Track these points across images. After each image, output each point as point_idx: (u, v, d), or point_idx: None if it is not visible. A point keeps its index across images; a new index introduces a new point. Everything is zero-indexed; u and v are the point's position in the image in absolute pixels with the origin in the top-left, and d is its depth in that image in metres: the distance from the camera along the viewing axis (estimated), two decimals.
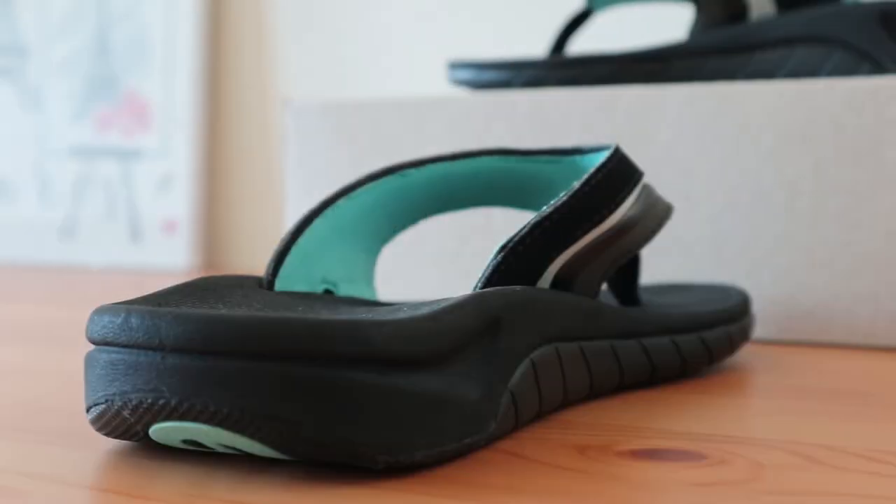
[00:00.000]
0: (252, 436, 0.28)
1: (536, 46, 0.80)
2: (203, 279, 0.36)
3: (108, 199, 0.98)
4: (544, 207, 0.36)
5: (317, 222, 0.39)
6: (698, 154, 0.55)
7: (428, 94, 0.70)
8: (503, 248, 0.35)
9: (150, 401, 0.28)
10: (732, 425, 0.35)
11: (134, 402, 0.29)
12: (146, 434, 0.30)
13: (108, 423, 0.30)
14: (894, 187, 0.51)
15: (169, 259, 0.96)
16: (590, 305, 0.38)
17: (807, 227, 0.53)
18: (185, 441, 0.30)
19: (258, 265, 0.97)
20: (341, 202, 0.40)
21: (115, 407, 0.29)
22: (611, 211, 0.38)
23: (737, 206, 0.54)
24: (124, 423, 0.30)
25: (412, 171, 0.42)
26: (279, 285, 0.38)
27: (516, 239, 0.35)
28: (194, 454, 0.31)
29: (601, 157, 0.42)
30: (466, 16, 0.88)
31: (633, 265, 0.45)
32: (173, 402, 0.28)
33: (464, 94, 0.62)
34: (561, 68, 0.61)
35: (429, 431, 0.29)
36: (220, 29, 0.98)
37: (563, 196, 0.37)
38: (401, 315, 0.30)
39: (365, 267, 0.42)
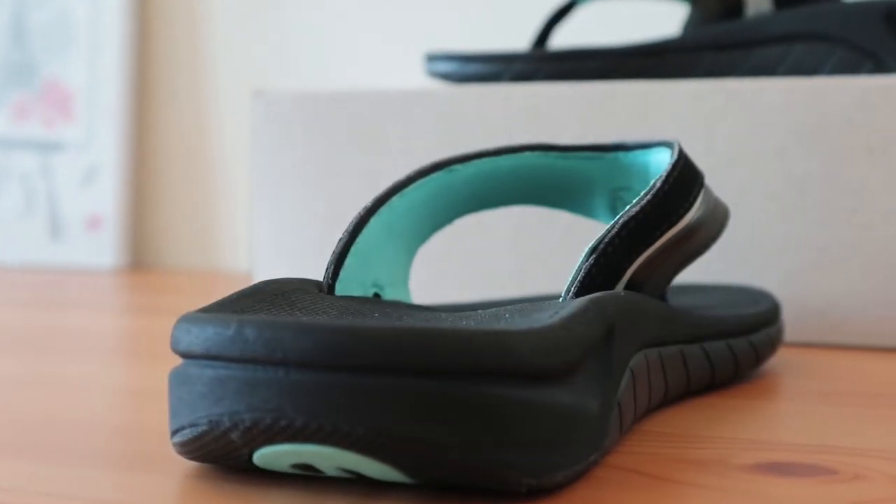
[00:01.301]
0: (386, 459, 0.25)
1: (506, 39, 0.78)
2: (265, 283, 0.32)
3: (25, 194, 0.92)
4: (628, 207, 0.34)
5: (372, 222, 0.37)
6: (704, 152, 0.54)
7: (412, 85, 0.67)
8: (594, 249, 0.33)
9: (268, 421, 0.25)
10: (833, 434, 0.34)
11: (247, 423, 0.26)
12: (249, 458, 0.27)
13: (206, 446, 0.27)
14: None
15: (93, 258, 0.90)
16: (668, 310, 0.36)
17: (817, 226, 0.52)
18: (294, 465, 0.27)
19: (191, 265, 0.92)
20: (394, 200, 0.37)
21: (222, 428, 0.26)
22: (686, 211, 0.36)
23: (745, 205, 0.53)
24: (228, 445, 0.27)
25: (459, 166, 0.39)
26: (337, 289, 0.35)
27: (606, 240, 0.33)
28: (292, 478, 0.28)
29: (653, 154, 0.40)
30: (420, 6, 0.85)
31: None
32: (297, 423, 0.25)
33: (451, 86, 0.60)
34: (553, 62, 0.59)
35: (566, 450, 0.27)
36: (150, 10, 0.93)
37: (645, 195, 0.35)
38: (528, 324, 0.28)
39: (405, 268, 0.40)
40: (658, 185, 0.35)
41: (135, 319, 0.62)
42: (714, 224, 0.38)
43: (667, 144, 0.40)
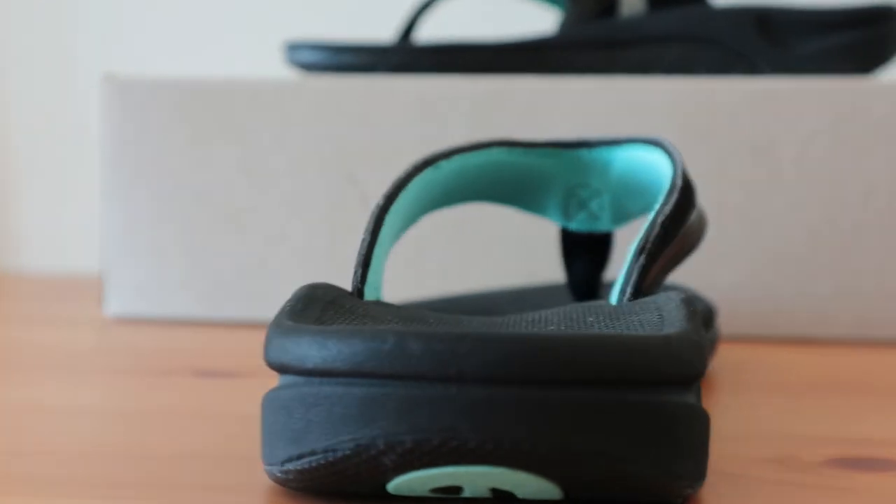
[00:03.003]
0: (555, 477, 0.24)
1: (363, 30, 0.75)
2: (310, 289, 0.30)
3: None
4: (660, 205, 0.34)
5: (386, 220, 0.34)
6: None
7: (281, 75, 0.64)
8: (642, 248, 0.32)
9: (435, 443, 0.23)
10: (878, 427, 0.35)
11: (408, 445, 0.23)
12: (384, 484, 0.24)
13: (341, 472, 0.24)
14: (790, 185, 0.53)
15: None
16: None
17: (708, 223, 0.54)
18: (436, 489, 0.25)
19: None
20: (400, 197, 0.35)
21: (373, 452, 0.23)
22: (692, 210, 0.36)
23: None
24: (372, 471, 0.24)
25: (443, 162, 0.38)
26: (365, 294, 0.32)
27: (651, 238, 0.33)
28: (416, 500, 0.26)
29: (617, 152, 0.40)
30: None
31: (603, 258, 0.44)
32: (471, 444, 0.23)
33: (330, 78, 0.57)
34: (431, 54, 0.57)
35: (706, 457, 0.26)
36: None
37: (672, 193, 0.34)
38: (655, 329, 0.27)
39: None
40: (680, 183, 0.35)
41: None
42: (701, 225, 0.39)
43: (635, 141, 0.40)
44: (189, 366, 0.45)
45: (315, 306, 0.28)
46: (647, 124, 0.54)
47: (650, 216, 0.33)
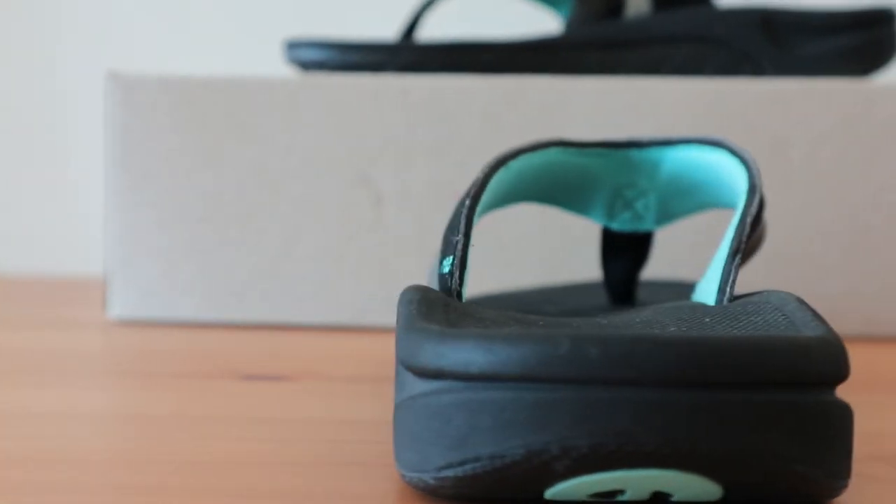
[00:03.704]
0: (721, 478, 0.24)
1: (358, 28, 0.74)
2: (420, 293, 0.29)
3: None
4: (744, 206, 0.34)
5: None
6: None
7: (292, 74, 0.62)
8: (737, 249, 0.33)
9: (611, 447, 0.23)
10: None
11: (583, 450, 0.23)
12: (543, 490, 0.24)
13: (506, 480, 0.24)
14: (800, 186, 0.54)
15: None
16: None
17: (720, 224, 0.54)
18: (596, 494, 0.24)
19: None
20: (483, 198, 0.35)
21: (545, 457, 0.23)
22: (763, 211, 0.36)
23: None
24: (542, 476, 0.24)
25: (512, 162, 0.37)
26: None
27: (744, 239, 0.33)
28: None
29: (668, 153, 0.40)
30: None
31: (642, 258, 0.44)
32: (648, 447, 0.23)
33: (341, 77, 0.56)
34: (442, 53, 0.57)
35: (852, 455, 0.27)
36: None
37: (755, 192, 0.34)
38: (794, 331, 0.27)
39: None
40: (758, 183, 0.35)
41: None
42: (764, 229, 0.39)
43: (690, 142, 0.40)
44: (209, 369, 0.44)
45: (435, 309, 0.28)
46: (659, 124, 0.54)
47: (737, 216, 0.34)
